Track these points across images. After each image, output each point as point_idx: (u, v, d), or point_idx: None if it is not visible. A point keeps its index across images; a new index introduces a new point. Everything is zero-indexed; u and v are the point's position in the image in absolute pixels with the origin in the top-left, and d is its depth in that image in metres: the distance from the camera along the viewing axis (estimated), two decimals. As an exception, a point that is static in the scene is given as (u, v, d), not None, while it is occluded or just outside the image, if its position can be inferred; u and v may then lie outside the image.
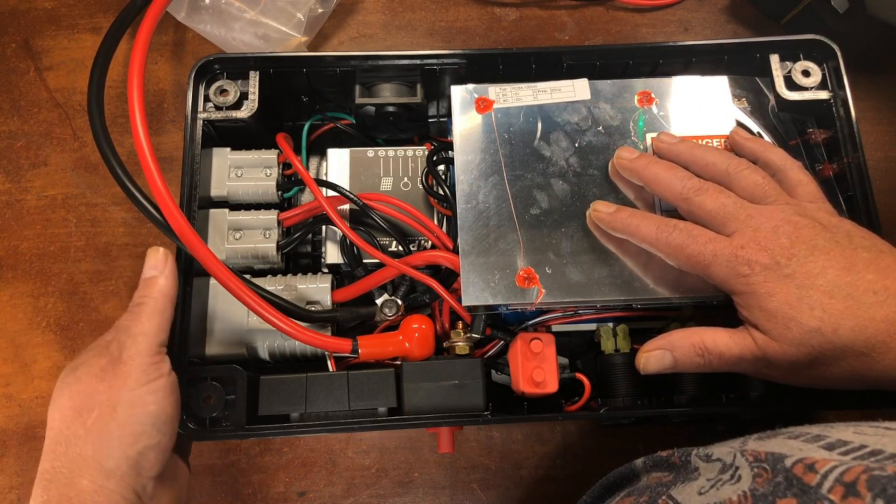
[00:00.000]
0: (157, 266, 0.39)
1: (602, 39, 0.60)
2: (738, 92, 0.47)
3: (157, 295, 0.38)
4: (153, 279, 0.39)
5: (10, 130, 0.56)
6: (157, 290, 0.38)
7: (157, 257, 0.39)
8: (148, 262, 0.39)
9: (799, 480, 0.26)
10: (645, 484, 0.37)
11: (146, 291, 0.38)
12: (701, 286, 0.40)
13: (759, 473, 0.28)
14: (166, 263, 0.39)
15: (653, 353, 0.39)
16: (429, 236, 0.46)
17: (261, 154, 0.48)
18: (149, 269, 0.39)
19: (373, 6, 0.61)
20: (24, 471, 0.49)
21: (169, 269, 0.39)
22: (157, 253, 0.39)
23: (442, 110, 0.53)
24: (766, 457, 0.28)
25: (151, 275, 0.39)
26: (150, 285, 0.39)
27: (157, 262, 0.39)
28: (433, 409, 0.41)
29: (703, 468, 0.33)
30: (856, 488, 0.24)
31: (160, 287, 0.38)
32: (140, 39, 0.43)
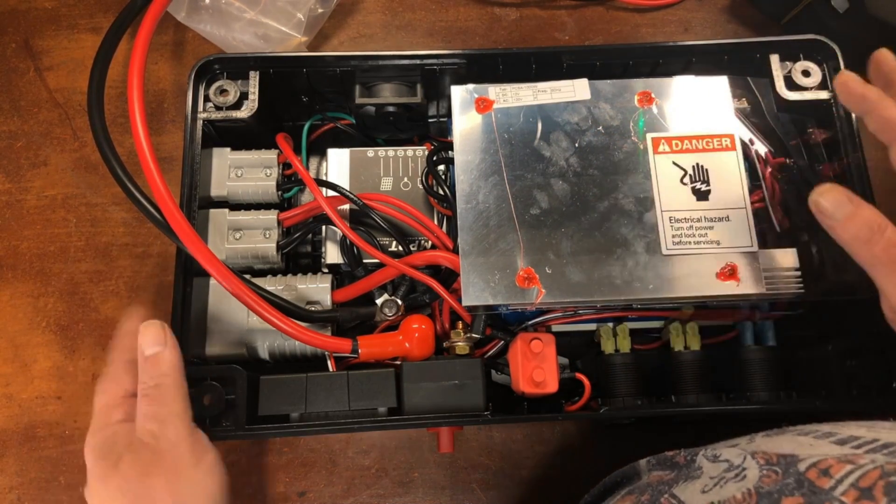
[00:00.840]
0: (158, 340, 0.37)
1: (602, 39, 0.60)
2: (738, 92, 0.47)
3: (170, 370, 0.37)
4: (159, 355, 0.37)
5: (10, 130, 0.56)
6: (167, 366, 0.37)
7: (156, 332, 0.37)
8: (146, 338, 0.37)
9: (811, 483, 0.25)
10: (646, 482, 0.37)
11: (157, 370, 0.37)
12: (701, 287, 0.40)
13: (767, 474, 0.28)
14: (166, 335, 0.37)
15: (839, 193, 0.34)
16: (429, 236, 0.46)
17: (261, 154, 0.48)
18: (150, 345, 0.37)
19: (373, 6, 0.61)
20: (24, 471, 0.49)
21: (171, 340, 0.37)
22: (153, 327, 0.37)
23: (442, 110, 0.53)
24: (777, 460, 0.28)
25: (155, 351, 0.37)
26: (158, 362, 0.37)
27: (158, 337, 0.37)
28: (433, 409, 0.41)
29: (708, 468, 0.33)
30: (871, 493, 0.23)
31: (169, 361, 0.37)
32: (140, 39, 0.43)
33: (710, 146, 0.44)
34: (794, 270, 0.42)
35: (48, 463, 0.49)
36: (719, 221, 0.42)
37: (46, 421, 0.50)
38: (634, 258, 0.41)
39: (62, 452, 0.49)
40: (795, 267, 0.42)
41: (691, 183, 0.43)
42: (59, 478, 0.48)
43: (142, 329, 0.38)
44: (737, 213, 0.42)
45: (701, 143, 0.44)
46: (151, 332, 0.37)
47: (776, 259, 0.42)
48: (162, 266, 0.53)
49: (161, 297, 0.52)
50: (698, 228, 0.42)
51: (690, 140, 0.44)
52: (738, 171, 0.43)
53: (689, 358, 0.44)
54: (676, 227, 0.42)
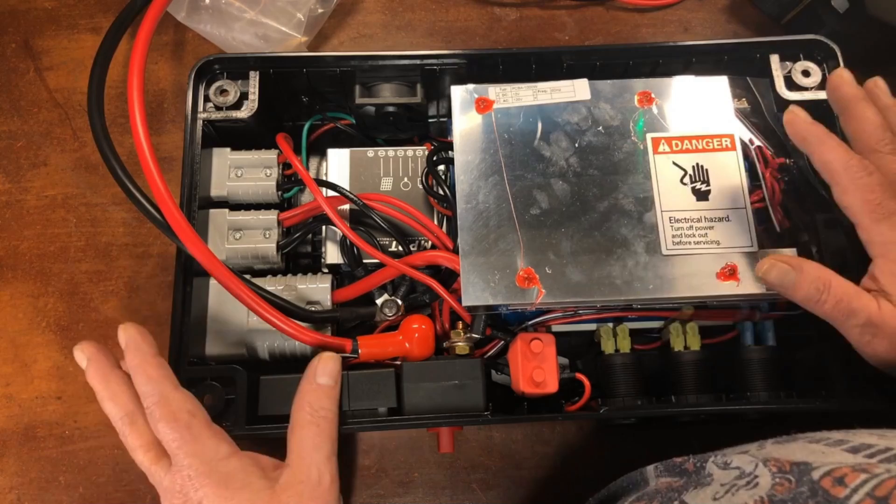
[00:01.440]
0: (334, 374, 0.40)
1: (602, 39, 0.60)
2: (738, 92, 0.47)
3: (337, 409, 0.39)
4: (331, 388, 0.39)
5: (10, 130, 0.56)
6: (335, 403, 0.39)
7: (336, 365, 0.40)
8: (324, 365, 0.40)
9: (826, 492, 0.25)
10: (654, 489, 0.37)
11: (328, 403, 0.39)
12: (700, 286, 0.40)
13: (780, 482, 0.28)
14: (340, 374, 0.40)
15: (780, 265, 0.38)
16: (429, 236, 0.46)
17: (261, 154, 0.48)
18: (325, 375, 0.39)
19: (373, 6, 0.61)
20: (24, 471, 0.49)
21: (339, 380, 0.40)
22: (334, 361, 0.40)
23: (442, 110, 0.53)
24: (790, 468, 0.28)
25: (328, 383, 0.39)
26: (329, 395, 0.39)
27: (334, 370, 0.40)
28: (433, 409, 0.41)
29: (719, 475, 0.33)
30: (888, 502, 0.23)
31: (337, 399, 0.39)
32: (140, 39, 0.43)
33: (710, 146, 0.44)
34: (794, 270, 0.42)
35: (48, 463, 0.49)
36: (719, 221, 0.42)
37: (46, 421, 0.50)
38: (634, 258, 0.41)
39: (62, 452, 0.49)
40: (795, 267, 0.42)
41: (691, 183, 0.43)
42: (59, 478, 0.48)
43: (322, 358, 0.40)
44: (737, 213, 0.42)
45: (701, 143, 0.44)
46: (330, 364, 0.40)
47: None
48: (162, 266, 0.53)
49: (161, 297, 0.52)
50: (698, 228, 0.42)
51: (690, 140, 0.44)
52: (738, 171, 0.43)
53: (689, 358, 0.44)
54: (676, 227, 0.42)
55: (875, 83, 0.40)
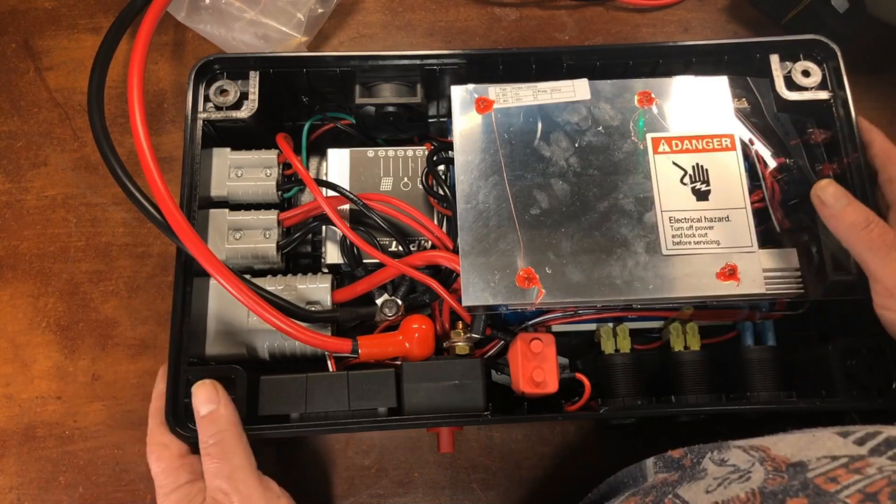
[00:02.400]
0: (211, 399, 0.39)
1: (602, 39, 0.60)
2: (738, 92, 0.47)
3: (227, 425, 0.38)
4: (214, 413, 0.38)
5: (10, 130, 0.56)
6: (224, 422, 0.38)
7: (209, 391, 0.39)
8: (198, 398, 0.39)
9: (817, 486, 0.26)
10: (651, 484, 0.37)
11: (215, 427, 0.38)
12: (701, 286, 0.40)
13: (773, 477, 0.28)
14: (219, 393, 0.39)
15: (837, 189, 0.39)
16: (429, 236, 0.46)
17: (261, 154, 0.48)
18: (203, 404, 0.39)
19: (373, 6, 0.61)
20: (24, 471, 0.49)
21: (224, 397, 0.39)
22: (204, 387, 0.39)
23: (442, 110, 0.53)
24: (786, 468, 0.29)
25: (210, 409, 0.39)
26: (215, 420, 0.38)
27: (211, 396, 0.39)
28: (433, 409, 0.41)
29: (713, 470, 0.33)
30: (877, 497, 0.24)
31: (225, 417, 0.38)
32: (140, 39, 0.43)
33: (710, 146, 0.44)
34: (794, 270, 0.42)
35: (48, 463, 0.49)
36: (719, 221, 0.42)
37: (46, 421, 0.50)
38: (634, 258, 0.41)
39: (62, 452, 0.49)
40: (795, 267, 0.42)
41: (691, 183, 0.43)
42: (59, 478, 0.48)
43: (194, 391, 0.39)
44: (737, 213, 0.42)
45: (701, 143, 0.44)
46: (203, 391, 0.39)
47: (776, 259, 0.42)
48: (162, 266, 0.53)
49: (161, 297, 0.52)
50: (698, 228, 0.42)
51: (690, 140, 0.44)
52: (738, 171, 0.43)
53: (689, 358, 0.44)
54: (676, 227, 0.42)
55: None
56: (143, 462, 0.49)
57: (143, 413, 0.49)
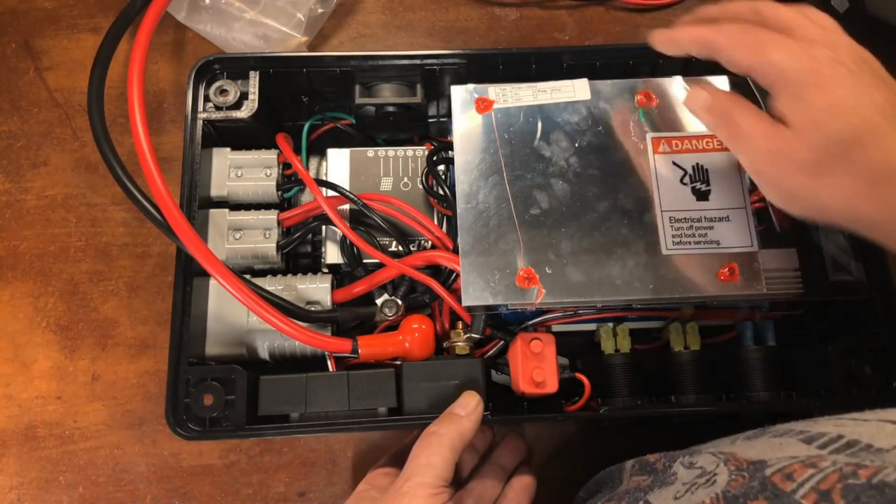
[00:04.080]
0: (467, 408, 0.39)
1: (602, 39, 0.60)
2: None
3: (455, 433, 0.38)
4: (459, 417, 0.38)
5: (10, 130, 0.56)
6: (456, 428, 0.38)
7: (472, 401, 0.39)
8: (461, 400, 0.39)
9: (774, 486, 0.26)
10: (624, 489, 0.37)
11: (447, 425, 0.38)
12: (700, 286, 0.40)
13: (735, 479, 0.28)
14: (476, 410, 0.39)
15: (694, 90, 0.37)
16: (429, 236, 0.46)
17: (261, 154, 0.48)
18: (460, 406, 0.39)
19: (373, 6, 0.61)
20: (24, 471, 0.49)
21: (476, 415, 0.39)
22: (473, 398, 0.39)
23: (442, 110, 0.53)
24: (747, 466, 0.29)
25: (458, 412, 0.39)
26: (453, 421, 0.38)
27: (469, 405, 0.39)
28: (433, 409, 0.41)
29: (682, 474, 0.33)
30: (830, 496, 0.24)
31: (462, 426, 0.38)
32: (140, 39, 0.43)
33: (710, 146, 0.44)
34: (794, 270, 0.42)
35: (48, 463, 0.49)
36: (719, 221, 0.42)
37: (46, 421, 0.50)
38: (634, 258, 0.41)
39: (62, 452, 0.49)
40: (795, 267, 0.42)
41: (691, 183, 0.43)
42: (59, 478, 0.48)
43: (464, 393, 0.40)
44: (737, 213, 0.42)
45: (701, 143, 0.44)
46: (469, 399, 0.40)
47: (776, 259, 0.42)
48: (162, 266, 0.53)
49: (161, 297, 0.52)
50: (698, 228, 0.42)
51: (690, 140, 0.44)
52: (738, 171, 0.43)
53: (689, 358, 0.44)
54: (676, 227, 0.42)
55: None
56: (143, 462, 0.49)
57: (143, 413, 0.50)
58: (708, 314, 0.45)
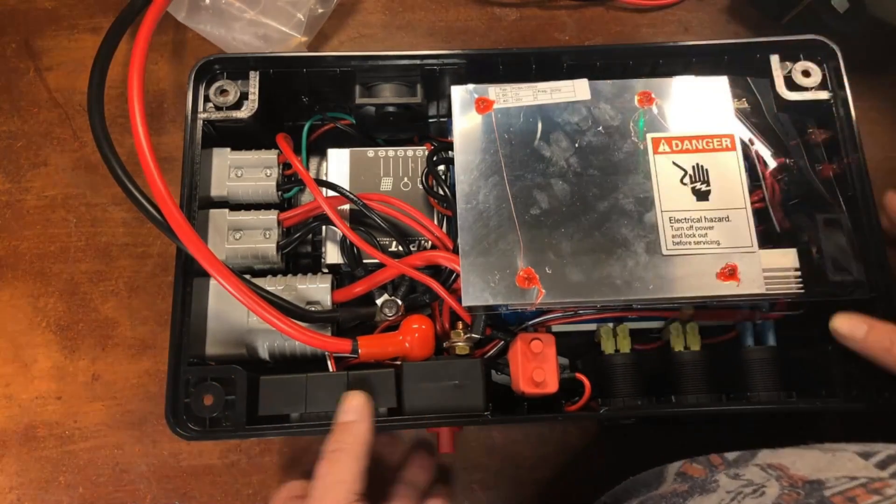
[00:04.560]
0: (356, 410, 0.38)
1: (602, 39, 0.60)
2: (738, 92, 0.47)
3: (355, 442, 0.37)
4: (352, 424, 0.38)
5: (10, 130, 0.56)
6: (354, 436, 0.37)
7: (358, 401, 0.38)
8: (345, 405, 0.38)
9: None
10: (660, 493, 0.37)
11: (344, 437, 0.37)
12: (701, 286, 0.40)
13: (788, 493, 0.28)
14: (366, 409, 0.38)
15: (851, 318, 0.39)
16: (429, 236, 0.46)
17: (261, 154, 0.48)
18: (347, 412, 0.38)
19: (373, 6, 0.61)
20: (24, 471, 0.49)
21: (367, 413, 0.38)
22: (359, 398, 0.39)
23: (442, 110, 0.53)
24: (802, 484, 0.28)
25: (351, 419, 0.38)
26: (348, 430, 0.37)
27: (359, 408, 0.38)
28: (433, 409, 0.41)
29: (725, 483, 0.32)
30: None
31: (359, 431, 0.37)
32: (140, 39, 0.43)
33: (710, 146, 0.44)
34: (794, 270, 0.42)
35: (48, 463, 0.49)
36: (719, 221, 0.42)
37: (46, 421, 0.50)
38: (634, 258, 0.41)
39: (62, 452, 0.49)
40: (795, 267, 0.42)
41: (691, 183, 0.43)
42: (59, 478, 0.48)
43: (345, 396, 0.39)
44: (737, 213, 0.42)
45: (701, 143, 0.44)
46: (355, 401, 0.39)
47: (776, 259, 0.42)
48: (162, 266, 0.53)
49: (161, 297, 0.52)
50: (698, 228, 0.42)
51: (690, 140, 0.44)
52: (738, 171, 0.43)
53: (689, 358, 0.44)
54: (676, 227, 0.42)
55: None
56: (143, 462, 0.49)
57: (143, 413, 0.50)
58: (708, 314, 0.45)
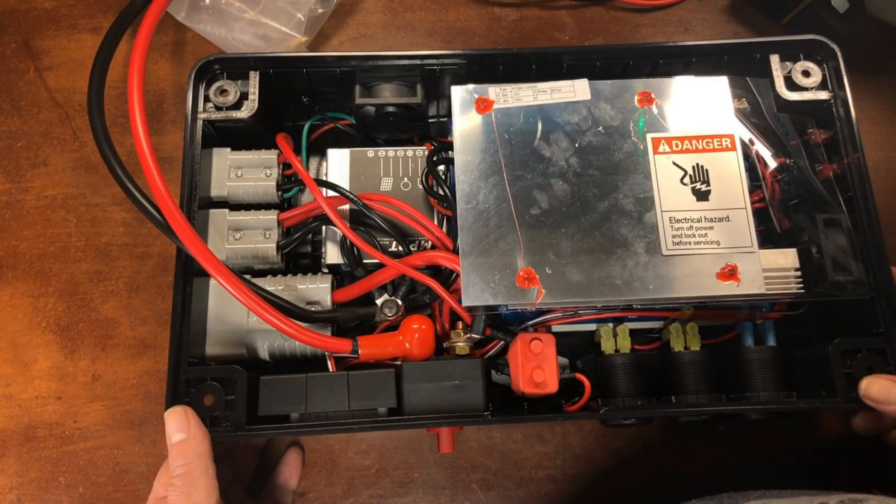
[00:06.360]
0: (181, 427, 0.38)
1: (602, 39, 0.60)
2: (738, 92, 0.47)
3: (195, 457, 0.37)
4: (184, 442, 0.38)
5: (10, 130, 0.56)
6: (192, 453, 0.37)
7: (179, 418, 0.38)
8: (170, 426, 0.38)
9: None
10: None
11: (183, 458, 0.37)
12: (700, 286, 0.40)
13: None
14: (189, 421, 0.38)
15: (882, 381, 0.39)
16: (429, 236, 0.46)
17: (261, 154, 0.48)
18: (174, 432, 0.38)
19: (373, 6, 0.61)
20: (24, 471, 0.49)
21: (195, 426, 0.38)
22: (175, 414, 0.38)
23: (442, 110, 0.53)
24: None
25: (179, 438, 0.38)
26: (183, 450, 0.37)
27: (181, 424, 0.38)
28: (433, 409, 0.41)
29: None
30: None
31: (194, 449, 0.37)
32: (140, 39, 0.43)
33: (710, 146, 0.44)
34: (794, 270, 0.42)
35: (48, 463, 0.49)
36: (719, 221, 0.42)
37: (46, 421, 0.50)
38: (634, 258, 0.41)
39: (62, 452, 0.49)
40: (795, 267, 0.42)
41: (691, 183, 0.43)
42: (59, 478, 0.48)
43: (166, 417, 0.39)
44: (737, 213, 0.42)
45: (701, 143, 0.44)
46: (174, 419, 0.38)
47: (776, 259, 0.42)
48: (162, 266, 0.53)
49: (161, 297, 0.52)
50: (698, 229, 0.42)
51: (690, 140, 0.44)
52: (738, 171, 0.43)
53: (689, 358, 0.44)
54: (676, 227, 0.42)
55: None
56: (143, 462, 0.49)
57: (143, 413, 0.50)
58: (708, 314, 0.45)
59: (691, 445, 0.49)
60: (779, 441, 0.50)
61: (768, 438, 0.50)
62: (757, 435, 0.50)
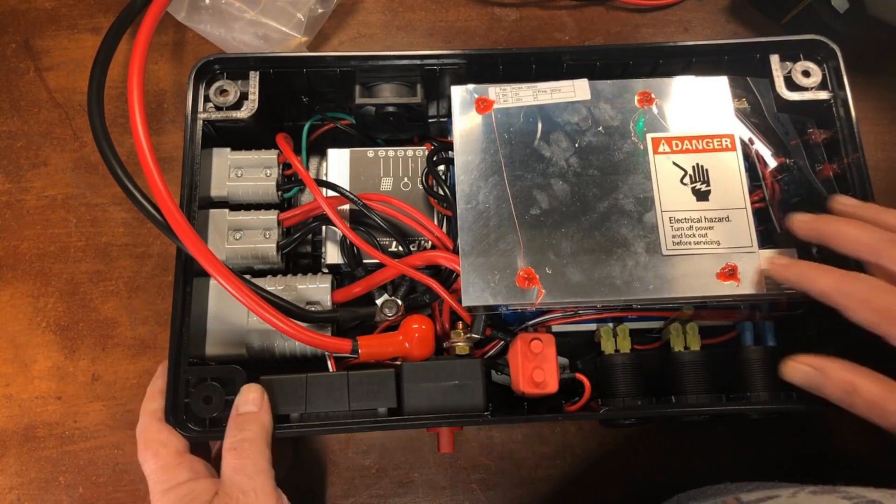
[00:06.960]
0: (256, 401, 0.39)
1: (602, 39, 0.60)
2: (738, 92, 0.47)
3: (262, 431, 0.38)
4: (253, 413, 0.39)
5: (10, 130, 0.56)
6: (261, 426, 0.38)
7: (257, 394, 0.39)
8: (245, 396, 0.39)
9: None
10: None
11: (251, 427, 0.38)
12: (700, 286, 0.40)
13: None
14: (264, 398, 0.39)
15: (802, 367, 0.38)
16: (429, 236, 0.46)
17: (261, 154, 0.48)
18: (247, 403, 0.39)
19: (373, 6, 0.61)
20: (24, 471, 0.49)
21: (266, 405, 0.39)
22: (255, 391, 0.39)
23: (442, 110, 0.53)
24: None
25: (250, 409, 0.39)
26: (253, 420, 0.38)
27: (257, 398, 0.39)
28: (433, 409, 0.41)
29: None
30: None
31: (264, 422, 0.38)
32: (140, 39, 0.43)
33: (710, 146, 0.44)
34: (794, 270, 0.42)
35: (48, 463, 0.49)
36: (719, 221, 0.42)
37: (46, 421, 0.50)
38: (634, 258, 0.41)
39: (62, 452, 0.49)
40: (795, 267, 0.42)
41: (691, 183, 0.43)
42: (59, 478, 0.48)
43: (244, 390, 0.40)
44: (737, 213, 0.42)
45: (701, 143, 0.44)
46: (252, 393, 0.39)
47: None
48: (162, 266, 0.53)
49: (161, 297, 0.52)
50: (698, 229, 0.42)
51: (690, 140, 0.44)
52: (738, 171, 0.43)
53: (689, 358, 0.44)
54: (676, 227, 0.42)
55: (838, 201, 0.41)
56: (143, 462, 0.49)
57: (143, 413, 0.50)
58: (708, 314, 0.45)
59: (691, 446, 0.49)
60: (779, 441, 0.50)
61: (768, 438, 0.50)
62: (757, 435, 0.50)
